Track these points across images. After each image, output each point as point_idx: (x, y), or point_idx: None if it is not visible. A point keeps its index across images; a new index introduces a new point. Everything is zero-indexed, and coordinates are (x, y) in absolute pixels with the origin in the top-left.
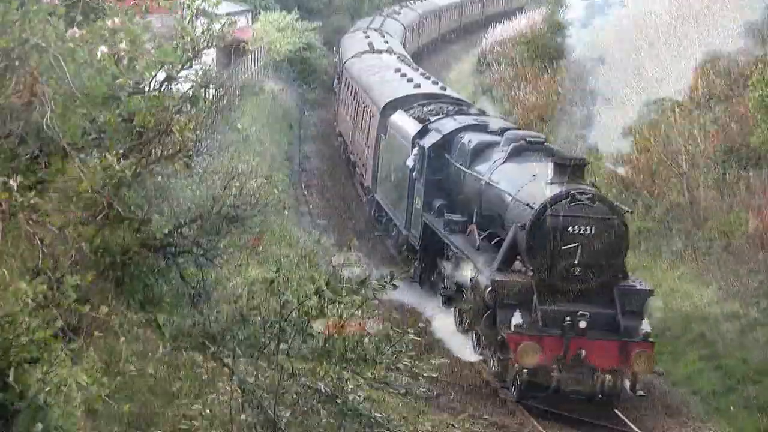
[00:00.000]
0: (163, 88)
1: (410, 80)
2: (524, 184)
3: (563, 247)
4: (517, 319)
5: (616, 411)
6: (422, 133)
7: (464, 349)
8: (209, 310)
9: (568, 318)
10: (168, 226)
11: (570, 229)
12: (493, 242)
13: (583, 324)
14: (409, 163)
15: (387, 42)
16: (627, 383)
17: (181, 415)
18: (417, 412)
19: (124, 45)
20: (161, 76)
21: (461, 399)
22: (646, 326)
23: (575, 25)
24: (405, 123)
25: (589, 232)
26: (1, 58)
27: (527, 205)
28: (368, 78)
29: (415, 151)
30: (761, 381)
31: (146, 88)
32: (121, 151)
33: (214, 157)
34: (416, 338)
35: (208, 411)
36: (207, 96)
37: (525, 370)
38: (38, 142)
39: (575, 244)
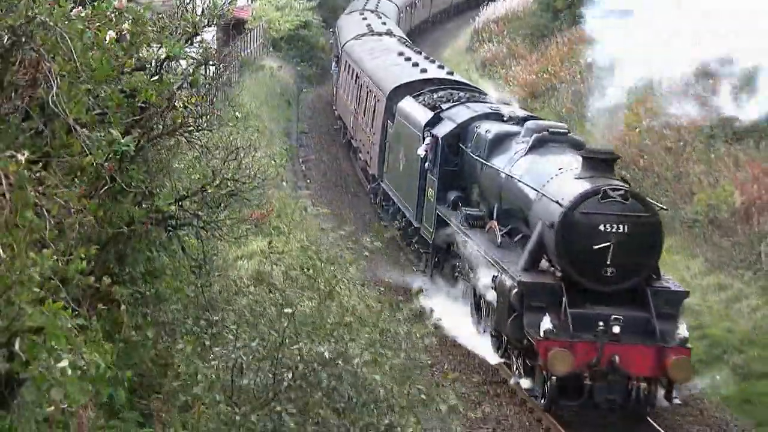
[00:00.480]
0: (164, 66)
1: (416, 65)
2: (550, 178)
3: (594, 247)
4: (546, 323)
5: (649, 419)
6: (434, 121)
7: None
8: (210, 281)
9: (601, 322)
10: (170, 200)
11: (601, 227)
12: (515, 239)
13: (616, 329)
14: (420, 152)
15: (385, 24)
16: (661, 391)
17: (182, 378)
18: (409, 376)
19: (127, 26)
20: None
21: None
22: (683, 331)
23: None
24: (414, 110)
25: (621, 230)
26: (7, 35)
27: (555, 201)
28: (371, 62)
29: (427, 140)
30: (746, 350)
31: (148, 66)
32: (123, 127)
33: (215, 132)
34: (411, 308)
35: (211, 375)
36: (207, 73)
37: (554, 378)
38: (43, 118)
39: (607, 244)
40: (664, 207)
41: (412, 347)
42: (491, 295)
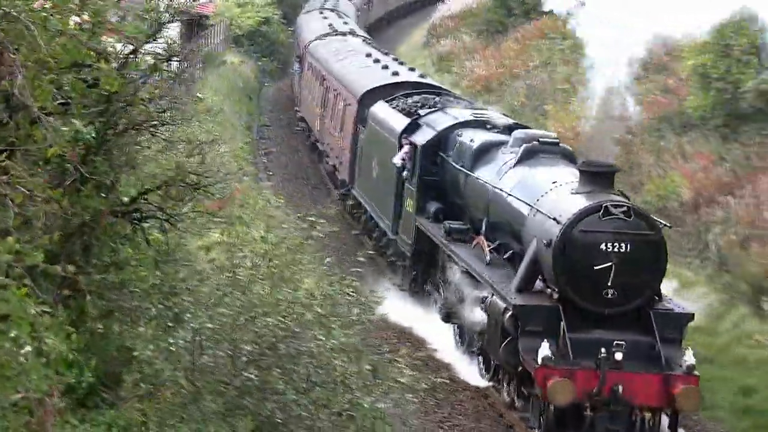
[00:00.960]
0: (128, 60)
1: (385, 67)
2: (544, 192)
3: (595, 267)
4: (545, 350)
5: None
6: (411, 128)
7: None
8: (176, 268)
9: (603, 348)
10: (133, 193)
11: (602, 246)
12: (504, 256)
13: (619, 355)
14: (397, 161)
15: (347, 23)
16: (665, 420)
17: (144, 359)
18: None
19: (87, 17)
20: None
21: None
22: (690, 357)
23: None
24: (389, 116)
25: (624, 249)
26: None
27: (551, 218)
28: (338, 63)
29: (406, 148)
30: (695, 338)
31: (111, 59)
32: (88, 119)
33: (179, 127)
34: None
35: (172, 349)
36: (170, 67)
37: (552, 408)
38: (8, 109)
39: (608, 264)
40: (668, 224)
41: (362, 308)
42: (480, 317)
